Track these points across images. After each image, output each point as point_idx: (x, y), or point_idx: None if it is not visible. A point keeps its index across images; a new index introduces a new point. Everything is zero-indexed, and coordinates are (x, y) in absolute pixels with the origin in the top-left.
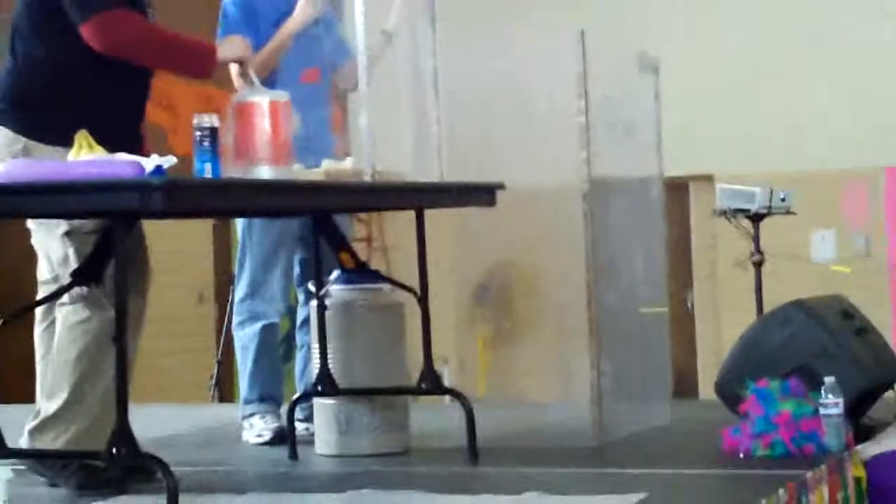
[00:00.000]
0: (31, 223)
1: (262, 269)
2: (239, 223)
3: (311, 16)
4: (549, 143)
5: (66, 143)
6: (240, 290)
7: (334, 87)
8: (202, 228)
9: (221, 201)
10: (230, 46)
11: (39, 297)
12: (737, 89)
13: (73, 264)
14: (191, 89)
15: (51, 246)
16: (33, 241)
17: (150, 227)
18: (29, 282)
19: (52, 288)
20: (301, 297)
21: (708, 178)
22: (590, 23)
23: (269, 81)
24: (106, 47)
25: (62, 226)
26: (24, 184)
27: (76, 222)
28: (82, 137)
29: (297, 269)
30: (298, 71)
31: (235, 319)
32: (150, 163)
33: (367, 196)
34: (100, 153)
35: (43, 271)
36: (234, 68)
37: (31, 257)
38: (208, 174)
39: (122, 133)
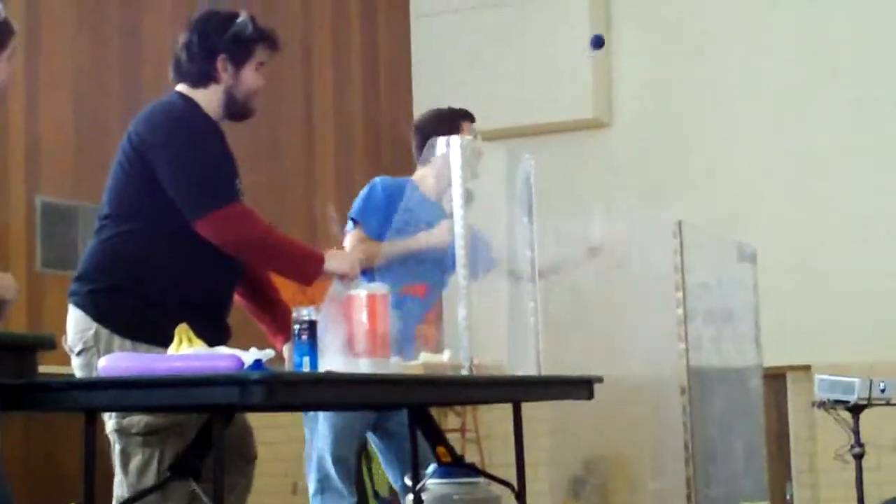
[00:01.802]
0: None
1: (329, 465)
2: (304, 419)
3: (444, 244)
4: (647, 334)
5: (135, 336)
6: (310, 486)
7: (439, 305)
8: (296, 416)
9: (320, 395)
10: (338, 262)
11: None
12: (833, 278)
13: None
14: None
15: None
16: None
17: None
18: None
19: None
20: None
21: (805, 369)
22: (686, 210)
23: (370, 272)
24: (224, 242)
25: (136, 425)
26: (125, 378)
27: (136, 421)
28: (183, 332)
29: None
30: (402, 281)
31: None
32: (249, 356)
33: (464, 390)
34: (200, 347)
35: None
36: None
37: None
38: (306, 368)
39: (205, 325)
